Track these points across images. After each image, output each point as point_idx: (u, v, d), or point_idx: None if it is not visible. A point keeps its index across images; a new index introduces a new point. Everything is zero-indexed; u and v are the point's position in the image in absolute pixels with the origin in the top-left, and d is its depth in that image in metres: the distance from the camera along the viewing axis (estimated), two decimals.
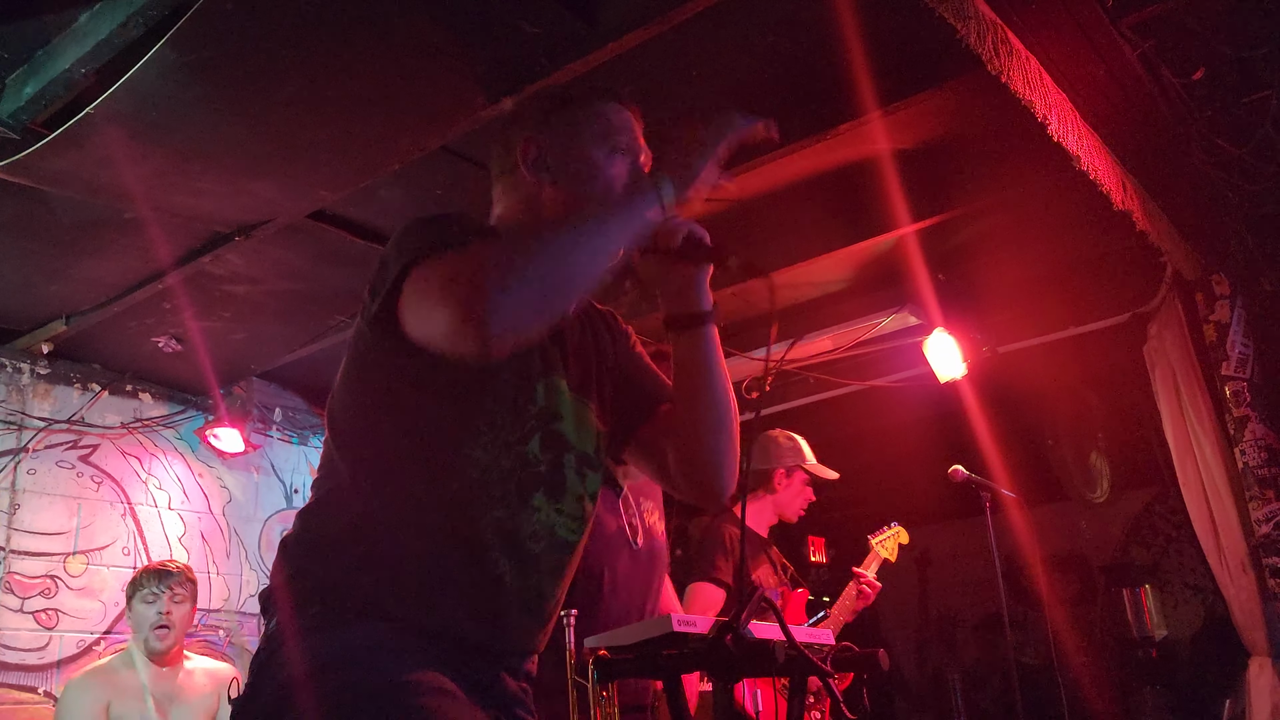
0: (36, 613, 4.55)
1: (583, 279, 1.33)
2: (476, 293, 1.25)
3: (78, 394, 4.92)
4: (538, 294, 1.28)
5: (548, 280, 1.29)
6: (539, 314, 1.30)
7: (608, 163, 1.62)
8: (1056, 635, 5.93)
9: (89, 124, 2.84)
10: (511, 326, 1.26)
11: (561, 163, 1.61)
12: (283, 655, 1.35)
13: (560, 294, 1.31)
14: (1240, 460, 4.04)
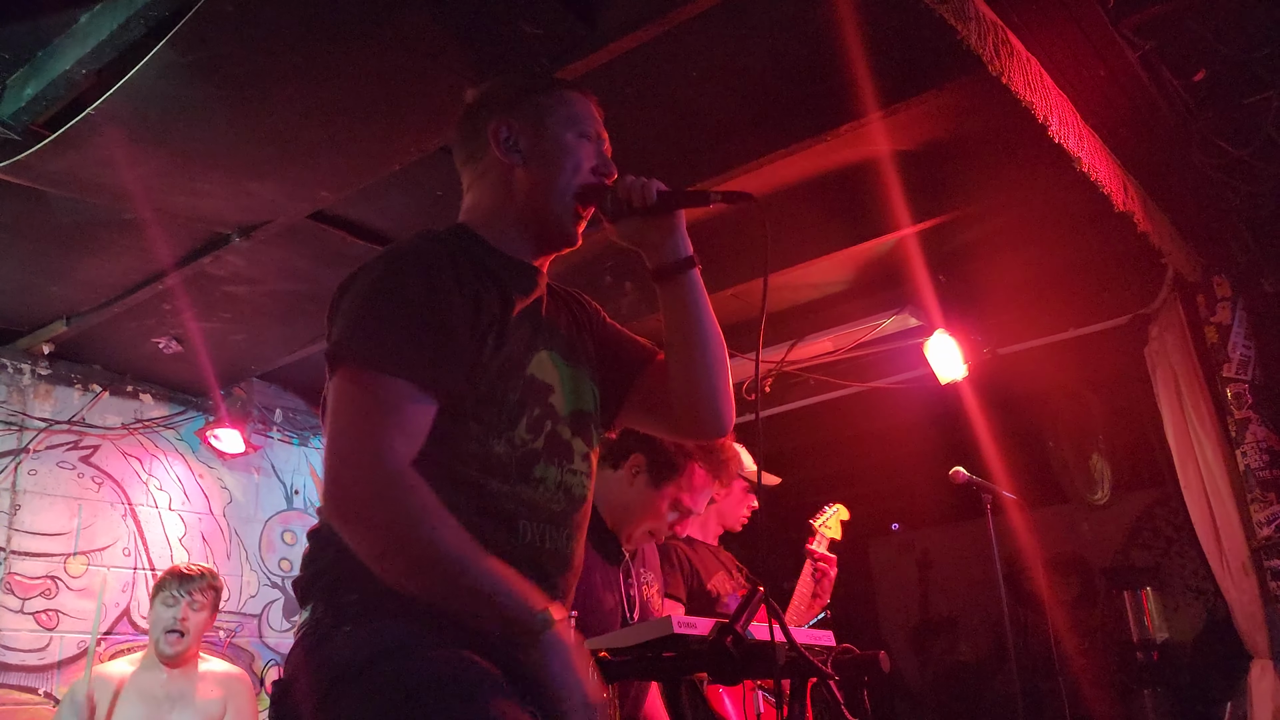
0: (37, 613, 4.54)
1: (425, 594, 1.35)
2: (352, 483, 1.35)
3: (78, 395, 4.92)
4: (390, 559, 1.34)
5: (404, 567, 1.34)
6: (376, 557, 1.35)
7: (577, 145, 1.68)
8: (1057, 638, 5.92)
9: (89, 125, 2.84)
10: (353, 534, 1.35)
11: (533, 144, 1.66)
12: (331, 644, 1.38)
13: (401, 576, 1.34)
14: (1242, 462, 4.03)
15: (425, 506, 1.34)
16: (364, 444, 1.36)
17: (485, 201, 1.70)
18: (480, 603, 1.33)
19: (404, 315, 1.46)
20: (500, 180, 1.68)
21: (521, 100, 1.69)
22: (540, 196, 1.66)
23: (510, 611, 1.33)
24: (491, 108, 1.70)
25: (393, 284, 1.50)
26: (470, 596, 1.33)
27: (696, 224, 4.00)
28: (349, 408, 1.40)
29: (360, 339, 1.45)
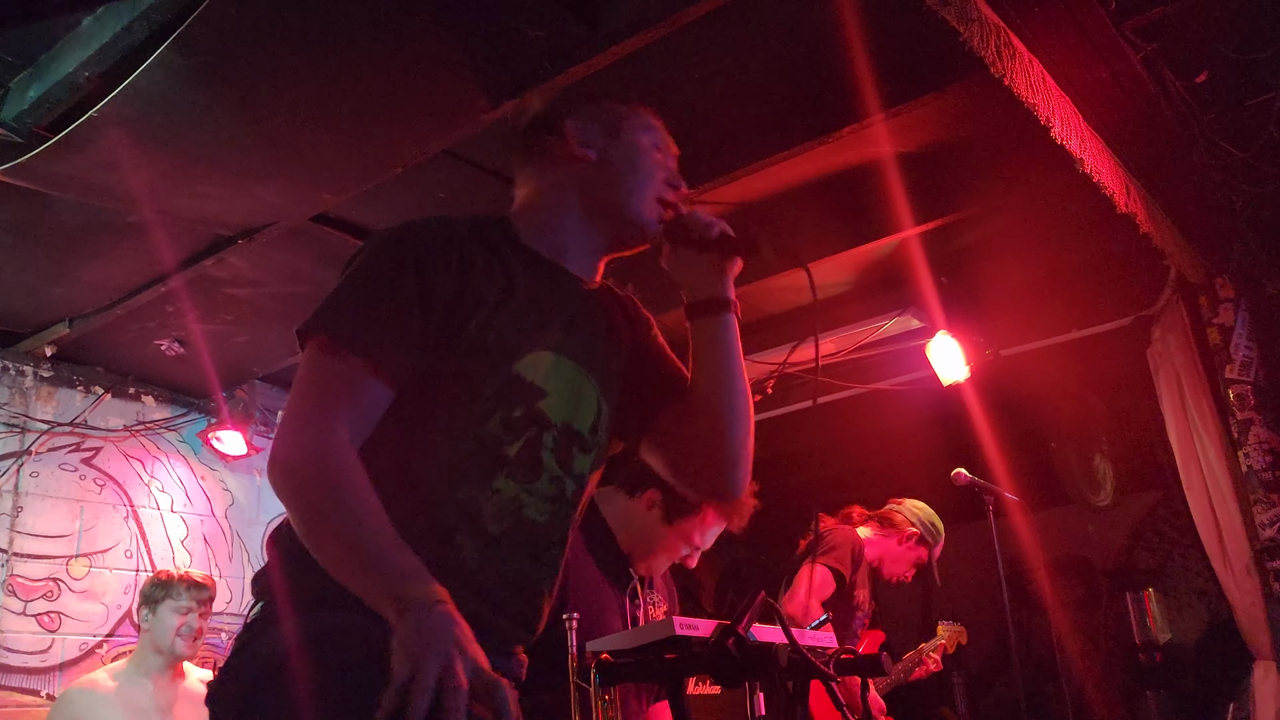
0: (39, 615, 4.55)
1: (335, 573, 1.29)
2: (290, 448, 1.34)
3: (80, 397, 4.93)
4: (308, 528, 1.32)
5: (318, 539, 1.31)
6: (300, 526, 1.33)
7: (652, 152, 1.67)
8: (1060, 639, 5.91)
9: (92, 127, 2.85)
10: (284, 500, 1.33)
11: (610, 145, 1.65)
12: (256, 643, 1.37)
13: (316, 549, 1.31)
14: (1244, 464, 4.03)
15: (348, 483, 1.30)
16: (309, 415, 1.36)
17: (540, 198, 1.67)
18: (365, 581, 1.24)
19: (377, 293, 1.45)
20: (570, 177, 1.64)
21: (599, 104, 1.70)
22: (617, 193, 1.63)
23: (387, 591, 1.21)
24: (568, 108, 1.69)
25: (377, 261, 1.49)
26: (358, 575, 1.25)
27: None
28: (305, 379, 1.41)
29: (329, 313, 1.46)
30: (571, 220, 1.64)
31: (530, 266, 1.57)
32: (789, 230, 4.07)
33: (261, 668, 1.33)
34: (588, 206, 1.64)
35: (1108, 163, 3.31)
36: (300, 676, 1.28)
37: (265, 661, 1.33)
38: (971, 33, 2.52)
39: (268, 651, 1.34)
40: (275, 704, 1.29)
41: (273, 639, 1.34)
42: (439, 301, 1.45)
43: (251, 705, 1.32)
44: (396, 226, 1.54)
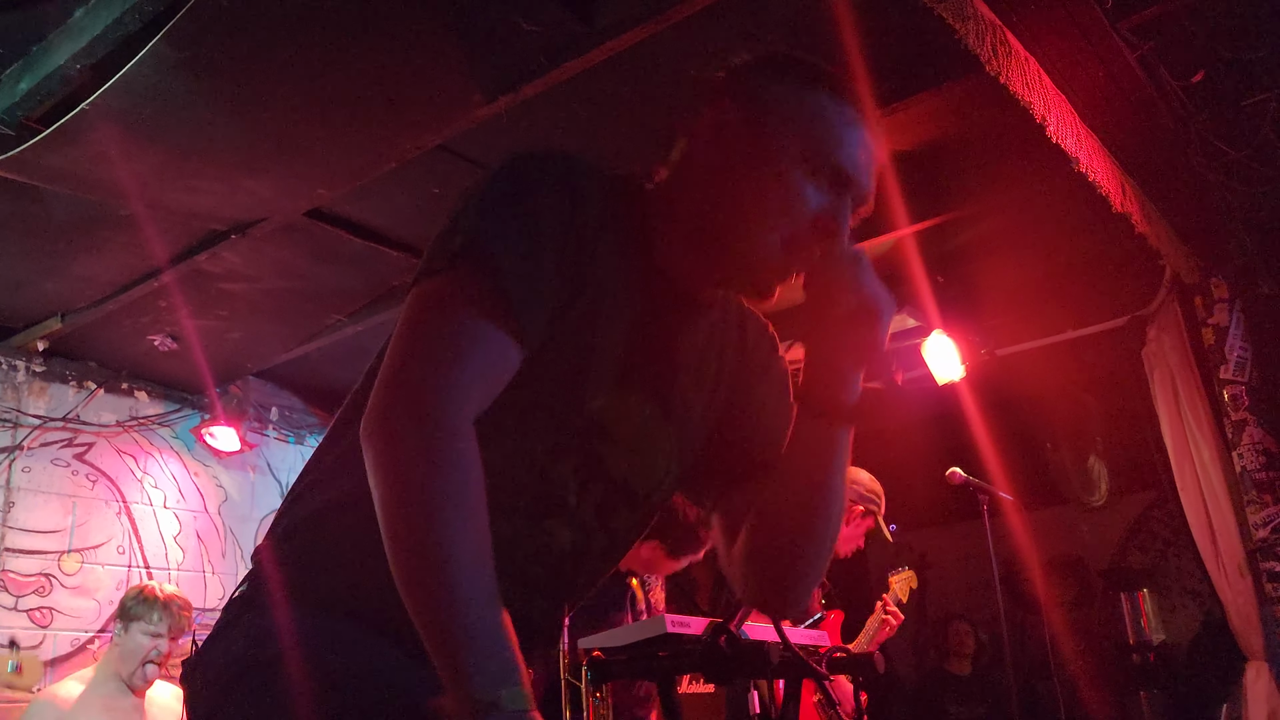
0: (31, 611, 4.53)
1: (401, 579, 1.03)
2: (406, 418, 1.05)
3: (73, 392, 4.91)
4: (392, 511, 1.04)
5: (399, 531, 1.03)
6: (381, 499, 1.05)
7: (797, 178, 1.22)
8: (1054, 639, 5.90)
9: (84, 120, 2.83)
10: (374, 463, 1.06)
11: (743, 149, 1.24)
12: (228, 636, 1.24)
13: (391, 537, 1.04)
14: (1238, 464, 4.03)
15: (463, 483, 1.04)
16: (440, 377, 1.08)
17: (665, 185, 1.32)
18: (446, 634, 1.00)
19: (535, 235, 1.14)
20: (687, 172, 1.29)
21: (765, 89, 1.26)
22: (717, 219, 1.25)
23: (472, 668, 0.98)
24: (733, 83, 1.29)
25: (532, 192, 1.17)
26: (442, 621, 1.00)
27: None
28: (436, 324, 1.12)
29: (477, 244, 1.12)
30: (680, 230, 1.28)
31: (643, 270, 1.27)
32: None
33: (248, 656, 1.20)
34: (697, 223, 1.27)
35: (1103, 162, 3.31)
36: (288, 678, 1.16)
37: (253, 650, 1.20)
38: (967, 30, 2.52)
39: (257, 639, 1.21)
40: (256, 701, 1.17)
41: (264, 627, 1.21)
42: (573, 271, 1.17)
43: (231, 696, 1.20)
44: (546, 153, 1.22)
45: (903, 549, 7.28)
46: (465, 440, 1.06)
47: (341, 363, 5.20)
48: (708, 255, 1.26)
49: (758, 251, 1.23)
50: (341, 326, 4.64)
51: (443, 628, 1.00)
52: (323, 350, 4.90)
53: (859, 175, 1.26)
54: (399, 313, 1.18)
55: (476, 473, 1.06)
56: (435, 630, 1.00)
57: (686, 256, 1.28)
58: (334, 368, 5.31)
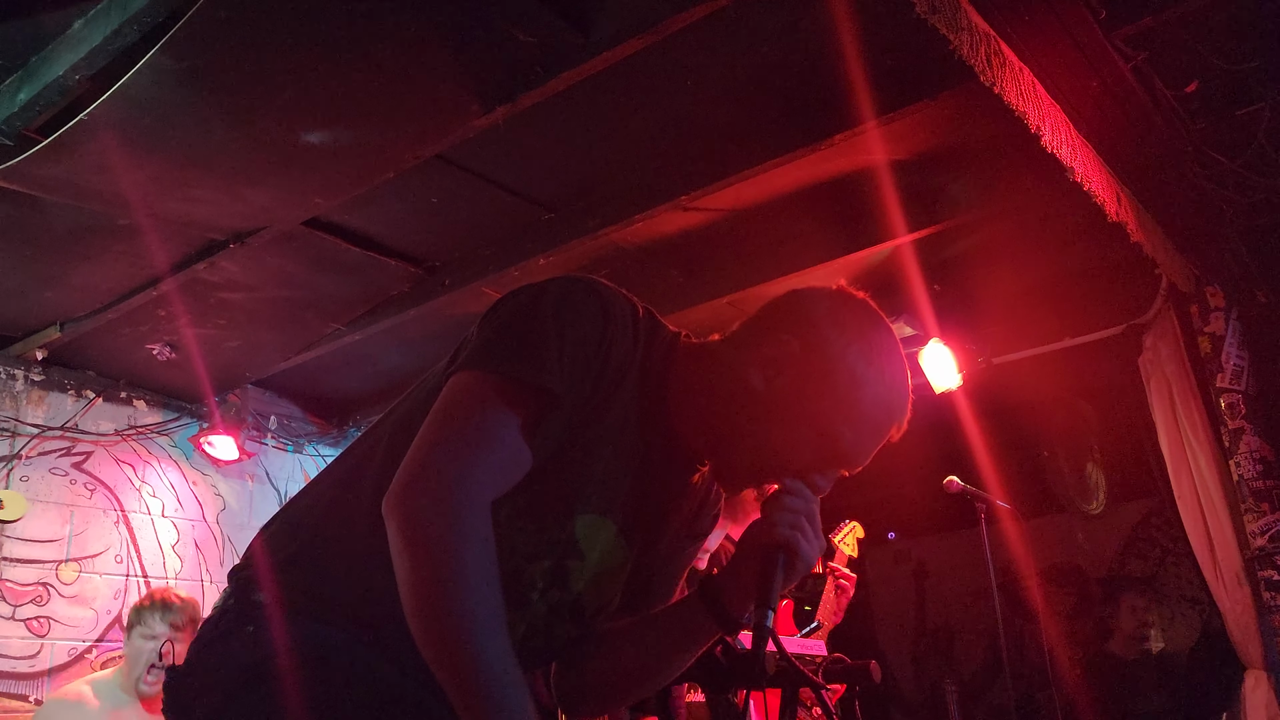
0: (28, 620, 4.53)
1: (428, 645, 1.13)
2: (430, 495, 1.15)
3: (71, 401, 4.91)
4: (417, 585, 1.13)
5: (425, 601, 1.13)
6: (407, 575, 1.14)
7: (809, 449, 1.33)
8: (1052, 647, 5.90)
9: (83, 130, 2.84)
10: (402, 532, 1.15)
11: (784, 391, 1.32)
12: (230, 643, 1.26)
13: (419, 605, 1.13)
14: (1235, 472, 4.03)
15: (487, 558, 1.14)
16: (461, 460, 1.18)
17: (707, 373, 1.37)
18: (475, 700, 1.09)
19: (570, 344, 1.25)
20: (732, 376, 1.35)
21: (832, 354, 1.32)
22: (723, 432, 1.35)
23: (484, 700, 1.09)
24: (801, 322, 1.35)
25: (573, 307, 1.28)
26: (470, 686, 1.09)
27: (693, 233, 4.00)
28: (471, 408, 1.21)
29: (509, 350, 1.25)
30: (697, 410, 1.37)
31: (655, 420, 1.36)
32: (781, 238, 4.08)
33: (256, 665, 1.22)
34: (718, 430, 1.36)
35: (1098, 171, 3.32)
36: (296, 688, 1.19)
37: (260, 660, 1.22)
38: (961, 41, 2.53)
39: (246, 656, 1.24)
40: (265, 709, 1.20)
41: (252, 642, 1.25)
42: (593, 398, 1.29)
43: (237, 704, 1.22)
44: (596, 285, 1.33)
45: (901, 557, 7.29)
46: (485, 520, 1.16)
47: (340, 372, 5.20)
48: (707, 442, 1.37)
49: (744, 469, 1.37)
50: (340, 335, 4.65)
51: (471, 693, 1.09)
52: (321, 359, 4.91)
53: (859, 464, 1.38)
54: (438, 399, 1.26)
55: (493, 550, 1.16)
56: (464, 694, 1.09)
57: (693, 432, 1.38)
58: (332, 377, 5.32)
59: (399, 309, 4.38)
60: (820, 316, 1.36)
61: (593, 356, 1.27)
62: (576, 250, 3.89)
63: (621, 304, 1.33)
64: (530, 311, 1.27)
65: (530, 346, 1.24)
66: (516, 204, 3.79)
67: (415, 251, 4.13)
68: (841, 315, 1.36)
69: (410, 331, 4.54)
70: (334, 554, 1.31)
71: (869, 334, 1.35)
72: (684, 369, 1.38)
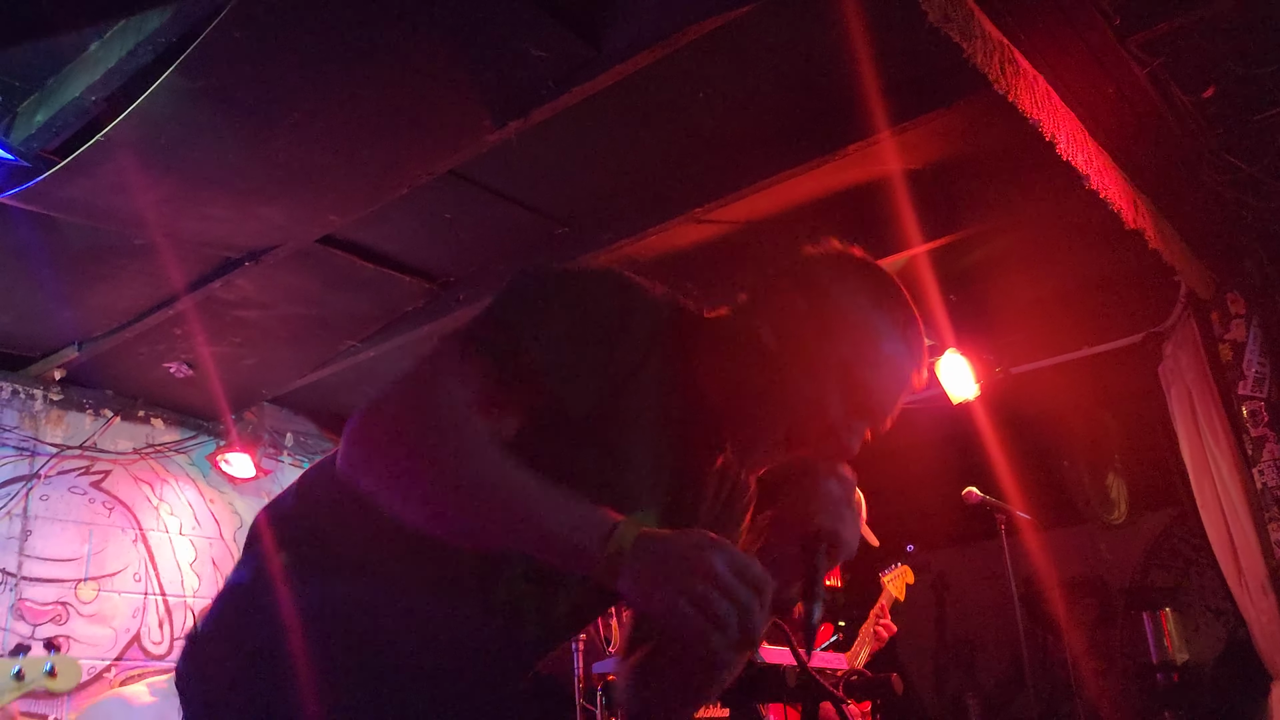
0: (48, 639, 4.53)
1: (465, 534, 1.15)
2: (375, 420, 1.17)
3: (90, 420, 4.94)
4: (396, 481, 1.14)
5: (444, 505, 1.12)
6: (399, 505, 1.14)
7: (833, 401, 1.28)
8: (1075, 659, 5.83)
9: (100, 150, 2.86)
10: (354, 467, 1.17)
11: (797, 347, 1.29)
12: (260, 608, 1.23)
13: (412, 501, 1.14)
14: (1259, 481, 3.98)
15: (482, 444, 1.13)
16: (434, 386, 1.18)
17: (723, 342, 1.34)
18: (543, 538, 1.09)
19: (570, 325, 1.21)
20: (745, 341, 1.32)
21: (842, 304, 1.31)
22: (744, 400, 1.31)
23: (583, 543, 1.07)
24: (809, 275, 1.35)
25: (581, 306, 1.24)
26: (532, 533, 1.09)
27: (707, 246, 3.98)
28: (435, 361, 1.21)
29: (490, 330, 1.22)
30: (727, 396, 1.33)
31: (683, 411, 1.32)
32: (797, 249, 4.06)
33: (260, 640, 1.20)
34: (741, 398, 1.32)
35: (1115, 178, 3.30)
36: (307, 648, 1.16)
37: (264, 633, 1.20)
38: (974, 49, 2.52)
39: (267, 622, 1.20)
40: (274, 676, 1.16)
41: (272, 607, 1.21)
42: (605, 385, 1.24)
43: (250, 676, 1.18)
44: (609, 269, 1.30)
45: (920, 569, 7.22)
46: (469, 421, 1.15)
47: (356, 388, 5.21)
48: (735, 415, 1.33)
49: (771, 434, 1.31)
50: (355, 352, 4.66)
51: (537, 536, 1.08)
52: (337, 375, 4.92)
53: (885, 416, 1.31)
54: None
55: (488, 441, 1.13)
56: (533, 542, 1.09)
57: (722, 407, 1.33)
58: (348, 393, 5.33)
59: (413, 325, 4.39)
60: (824, 269, 1.36)
61: (597, 351, 1.22)
62: None
63: (636, 293, 1.29)
64: (536, 296, 1.24)
65: (517, 332, 1.20)
66: (530, 218, 3.79)
67: (429, 267, 4.14)
68: (844, 266, 1.37)
69: (425, 348, 4.52)
70: (341, 519, 1.30)
71: (873, 280, 1.35)
72: (706, 347, 1.34)
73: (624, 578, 1.05)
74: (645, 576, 1.04)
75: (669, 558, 1.04)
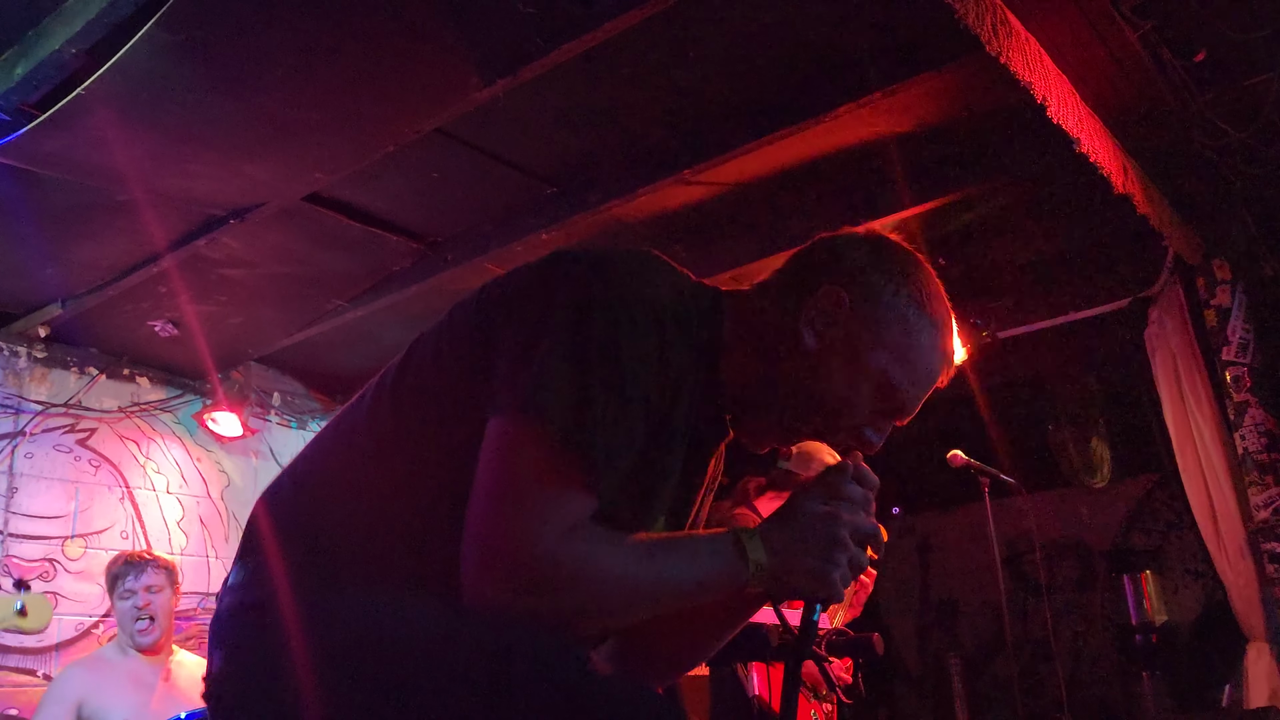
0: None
1: (628, 619, 1.20)
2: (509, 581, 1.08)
3: (75, 378, 4.91)
4: (572, 618, 1.12)
5: (597, 609, 1.13)
6: (553, 626, 1.11)
7: (866, 398, 1.29)
8: (1056, 620, 5.92)
9: (80, 105, 2.82)
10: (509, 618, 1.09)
11: (835, 348, 1.28)
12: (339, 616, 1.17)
13: (594, 624, 1.17)
14: (1240, 446, 4.02)
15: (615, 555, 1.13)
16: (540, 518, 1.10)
17: (754, 333, 1.32)
18: (691, 586, 1.15)
19: (622, 407, 1.13)
20: (775, 332, 1.30)
21: (883, 303, 1.29)
22: (778, 393, 1.30)
23: (711, 576, 1.16)
24: (852, 270, 1.31)
25: (626, 344, 1.15)
26: (677, 591, 1.15)
27: (696, 207, 3.97)
28: (523, 472, 1.11)
29: (566, 405, 1.11)
30: (751, 386, 1.32)
31: (705, 402, 1.29)
32: (785, 211, 4.05)
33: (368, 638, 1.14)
34: (770, 390, 1.31)
35: (1105, 143, 3.29)
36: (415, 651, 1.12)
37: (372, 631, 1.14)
38: (967, 9, 2.50)
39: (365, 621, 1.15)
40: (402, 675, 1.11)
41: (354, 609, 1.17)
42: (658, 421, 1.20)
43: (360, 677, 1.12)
44: (643, 294, 1.20)
45: (905, 531, 7.31)
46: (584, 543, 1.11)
47: (343, 348, 5.20)
48: (759, 404, 1.33)
49: (798, 429, 1.34)
50: (342, 312, 4.64)
51: (695, 592, 1.17)
52: (324, 335, 4.90)
53: (912, 413, 1.34)
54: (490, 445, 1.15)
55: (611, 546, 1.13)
56: (695, 598, 1.18)
57: (745, 394, 1.33)
58: (335, 353, 5.31)
59: (401, 285, 4.37)
60: (864, 264, 1.31)
61: (655, 384, 1.18)
62: (579, 225, 3.86)
63: (668, 297, 1.23)
64: (584, 351, 1.13)
65: (583, 396, 1.11)
66: (518, 178, 3.76)
67: (417, 227, 4.11)
68: (885, 261, 1.32)
69: (412, 308, 4.52)
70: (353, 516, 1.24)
71: (915, 278, 1.32)
72: (733, 335, 1.31)
73: (767, 582, 1.18)
74: (791, 571, 1.19)
75: (805, 545, 1.18)
